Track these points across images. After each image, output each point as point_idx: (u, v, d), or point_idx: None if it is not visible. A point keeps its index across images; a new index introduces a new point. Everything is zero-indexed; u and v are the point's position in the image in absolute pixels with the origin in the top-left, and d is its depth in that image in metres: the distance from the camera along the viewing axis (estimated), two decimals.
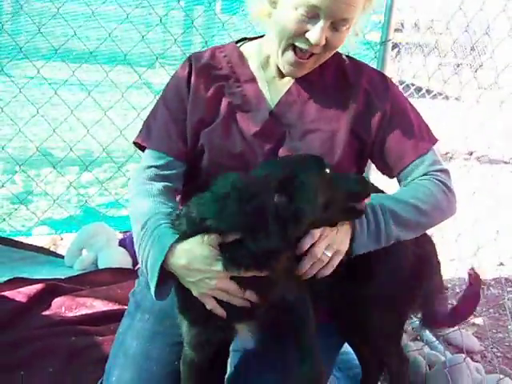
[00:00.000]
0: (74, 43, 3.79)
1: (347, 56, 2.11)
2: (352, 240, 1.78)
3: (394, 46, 4.80)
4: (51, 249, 3.76)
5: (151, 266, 1.73)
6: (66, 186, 4.21)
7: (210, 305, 1.67)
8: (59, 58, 3.82)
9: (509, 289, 4.12)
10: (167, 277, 1.73)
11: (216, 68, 2.04)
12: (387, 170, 2.03)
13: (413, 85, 3.98)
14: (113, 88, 4.01)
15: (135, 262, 3.40)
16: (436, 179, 1.94)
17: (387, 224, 1.82)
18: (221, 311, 1.67)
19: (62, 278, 3.16)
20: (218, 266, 1.60)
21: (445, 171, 1.99)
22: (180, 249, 1.68)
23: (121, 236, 3.70)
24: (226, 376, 1.99)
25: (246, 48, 2.09)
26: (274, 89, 2.00)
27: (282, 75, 2.00)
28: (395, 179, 2.05)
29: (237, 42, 2.14)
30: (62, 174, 4.23)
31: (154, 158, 1.98)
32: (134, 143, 2.08)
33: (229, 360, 2.03)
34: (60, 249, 3.78)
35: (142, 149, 2.06)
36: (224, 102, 1.99)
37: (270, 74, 2.02)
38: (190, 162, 2.00)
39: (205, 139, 1.96)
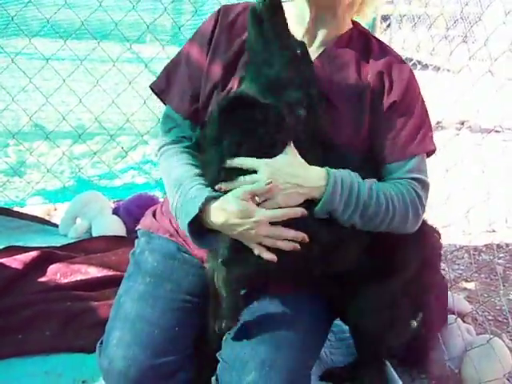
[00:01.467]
0: (64, 14, 3.78)
1: (376, 38, 2.07)
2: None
3: (385, 18, 4.81)
4: (45, 218, 3.77)
5: (186, 218, 1.77)
6: (59, 157, 4.20)
7: (257, 250, 1.70)
8: (50, 30, 3.79)
9: (500, 254, 4.16)
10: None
11: (241, 28, 1.98)
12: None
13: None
14: (104, 59, 4.00)
15: (129, 230, 3.42)
16: (414, 190, 1.86)
17: (358, 203, 1.76)
18: (270, 256, 1.69)
19: (57, 245, 3.17)
20: (255, 216, 1.66)
21: (425, 184, 1.91)
22: (214, 208, 1.71)
23: (114, 204, 3.71)
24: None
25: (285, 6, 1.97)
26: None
27: (310, 34, 1.96)
28: None
29: None
30: (58, 145, 4.21)
31: (173, 119, 2.01)
32: (151, 88, 2.09)
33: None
34: (54, 218, 3.78)
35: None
36: (240, 67, 1.94)
37: (298, 34, 1.94)
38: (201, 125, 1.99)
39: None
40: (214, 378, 1.94)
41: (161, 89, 2.07)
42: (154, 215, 2.28)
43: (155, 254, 2.13)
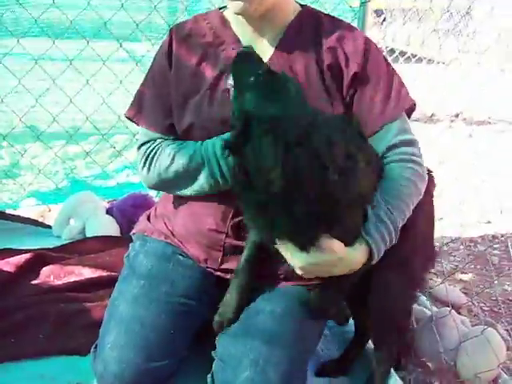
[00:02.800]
0: (53, 14, 3.76)
1: (328, 15, 2.10)
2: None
3: (379, 12, 4.81)
4: (39, 220, 3.76)
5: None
6: (52, 158, 4.19)
7: None
8: (39, 30, 3.77)
9: (495, 245, 4.15)
10: None
11: (199, 36, 2.06)
12: None
13: (393, 51, 4.00)
14: (96, 58, 3.97)
15: (123, 230, 3.41)
16: (408, 163, 1.91)
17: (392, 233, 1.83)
18: None
19: (51, 247, 3.15)
20: None
21: (414, 142, 1.97)
22: None
23: (108, 204, 3.70)
24: None
25: (228, 12, 2.08)
26: (258, 50, 1.93)
27: (258, 31, 2.01)
28: None
29: (220, 8, 2.15)
30: (50, 147, 4.20)
31: (148, 136, 2.09)
32: (126, 116, 2.16)
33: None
34: (48, 220, 3.76)
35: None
36: (208, 70, 2.01)
37: (248, 33, 2.02)
38: (180, 136, 2.06)
39: (192, 109, 1.99)
40: (209, 376, 1.94)
41: (133, 114, 2.13)
42: (148, 219, 2.30)
43: (150, 256, 2.14)
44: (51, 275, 2.83)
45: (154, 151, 2.03)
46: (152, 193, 4.05)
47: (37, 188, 4.16)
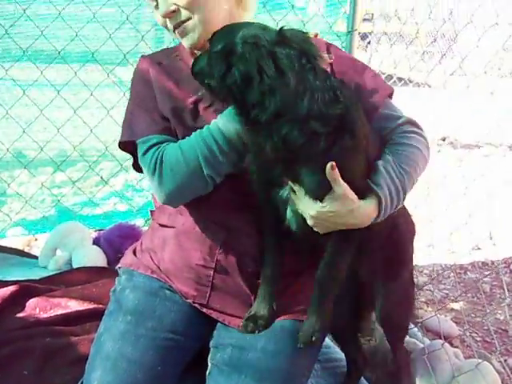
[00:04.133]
0: (42, 44, 3.74)
1: None
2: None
3: (364, 36, 4.83)
4: (26, 250, 3.71)
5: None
6: (39, 187, 4.14)
7: None
8: (28, 59, 3.75)
9: (486, 272, 4.13)
10: None
11: (170, 66, 2.07)
12: None
13: (383, 73, 4.00)
14: (86, 84, 3.95)
15: (110, 261, 3.37)
16: (412, 134, 1.96)
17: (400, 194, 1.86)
18: None
19: (37, 278, 3.11)
20: None
21: (408, 119, 2.01)
22: None
23: (95, 234, 3.66)
24: None
25: None
26: None
27: None
28: None
29: None
30: (34, 175, 4.16)
31: (147, 142, 1.97)
32: (120, 146, 2.08)
33: (209, 356, 2.03)
34: (35, 249, 3.73)
35: (129, 150, 2.07)
36: (186, 94, 2.01)
37: None
38: None
39: (177, 122, 1.98)
40: None
41: (127, 135, 2.05)
42: (134, 253, 2.27)
43: (136, 291, 2.11)
44: (37, 308, 2.77)
45: (161, 152, 1.92)
46: (140, 221, 4.02)
47: (24, 216, 4.11)
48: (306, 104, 1.60)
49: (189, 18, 1.90)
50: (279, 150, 1.64)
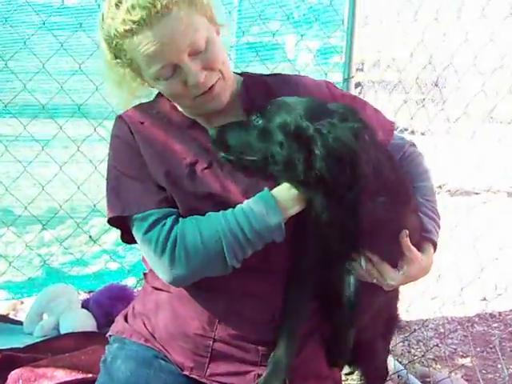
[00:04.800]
0: (26, 98, 3.62)
1: (270, 75, 2.10)
2: None
3: (357, 84, 4.79)
4: (11, 314, 3.55)
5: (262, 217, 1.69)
6: (25, 247, 3.98)
7: None
8: (10, 114, 3.63)
9: (494, 325, 3.96)
10: None
11: (153, 125, 1.91)
12: None
13: None
14: (71, 144, 3.82)
15: (100, 325, 3.21)
16: (417, 156, 2.07)
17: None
18: None
19: (21, 346, 2.94)
20: None
21: (410, 143, 2.10)
22: (277, 191, 1.72)
23: (84, 296, 3.49)
24: None
25: None
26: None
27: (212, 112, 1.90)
28: None
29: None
30: (19, 235, 3.99)
31: (147, 220, 1.78)
32: (110, 222, 1.88)
33: None
34: (21, 314, 3.55)
35: (119, 225, 1.89)
36: (180, 157, 1.85)
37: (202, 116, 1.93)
38: None
39: (173, 188, 1.81)
40: None
41: (118, 210, 1.83)
42: (125, 319, 2.11)
43: (129, 361, 1.95)
44: (20, 379, 2.59)
45: (174, 232, 1.73)
46: (131, 280, 3.86)
47: (9, 279, 3.93)
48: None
49: (217, 80, 1.79)
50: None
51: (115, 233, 4.44)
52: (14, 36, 3.47)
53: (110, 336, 2.11)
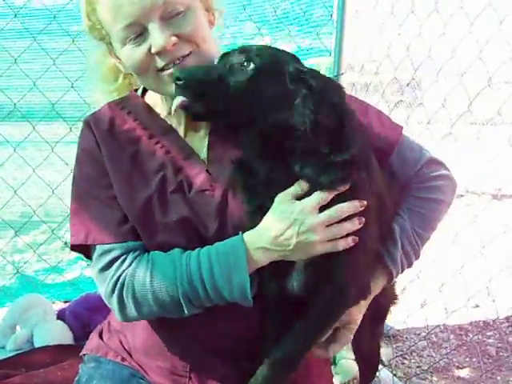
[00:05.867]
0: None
1: None
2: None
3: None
4: None
5: (228, 277, 1.51)
6: None
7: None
8: None
9: (488, 333, 3.82)
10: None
11: (123, 132, 1.73)
12: None
13: None
14: (45, 145, 3.63)
15: (77, 337, 3.03)
16: (438, 180, 1.81)
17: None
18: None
19: None
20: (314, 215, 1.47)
21: (432, 160, 1.83)
22: (257, 230, 1.52)
23: (60, 305, 3.29)
24: None
25: (150, 97, 1.79)
26: (194, 138, 1.73)
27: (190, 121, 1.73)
28: None
29: (135, 90, 1.84)
30: None
31: (107, 255, 1.63)
32: (73, 248, 1.71)
33: None
34: None
35: (82, 250, 1.72)
36: (147, 171, 1.69)
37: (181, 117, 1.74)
38: None
39: (142, 218, 1.63)
40: None
41: (80, 237, 1.67)
42: (100, 335, 1.96)
43: (105, 381, 1.80)
44: None
45: (125, 276, 1.59)
46: None
47: None
48: None
49: (188, 54, 1.60)
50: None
51: None
52: None
53: (85, 355, 1.95)
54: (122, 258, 1.61)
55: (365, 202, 1.50)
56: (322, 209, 1.48)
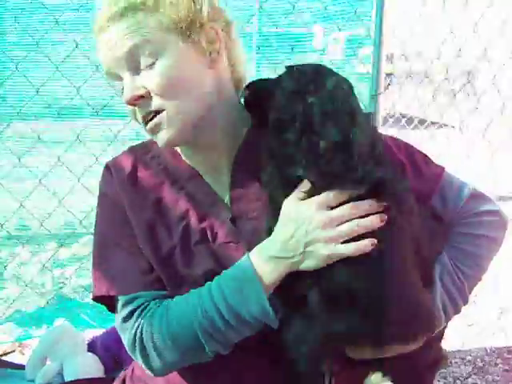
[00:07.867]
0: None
1: None
2: None
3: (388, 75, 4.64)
4: (16, 351, 3.34)
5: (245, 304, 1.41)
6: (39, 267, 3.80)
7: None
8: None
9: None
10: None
11: (145, 178, 1.66)
12: None
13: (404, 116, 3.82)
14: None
15: (107, 369, 2.98)
16: (483, 215, 1.67)
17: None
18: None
19: None
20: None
21: (477, 196, 1.70)
22: (266, 241, 1.44)
23: (90, 339, 3.25)
24: None
25: None
26: (216, 180, 1.65)
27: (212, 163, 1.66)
28: None
29: None
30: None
31: (130, 305, 1.56)
32: (96, 300, 1.65)
33: None
34: (28, 351, 3.34)
35: (105, 301, 1.65)
36: (170, 219, 1.60)
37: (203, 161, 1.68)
38: None
39: (166, 271, 1.57)
40: None
41: (103, 289, 1.61)
42: (123, 383, 1.86)
43: None
44: None
45: (142, 324, 1.52)
46: None
47: (18, 307, 3.73)
48: None
49: (162, 109, 1.51)
50: None
51: None
52: None
53: None
54: (143, 306, 1.54)
55: (384, 203, 1.38)
56: None
